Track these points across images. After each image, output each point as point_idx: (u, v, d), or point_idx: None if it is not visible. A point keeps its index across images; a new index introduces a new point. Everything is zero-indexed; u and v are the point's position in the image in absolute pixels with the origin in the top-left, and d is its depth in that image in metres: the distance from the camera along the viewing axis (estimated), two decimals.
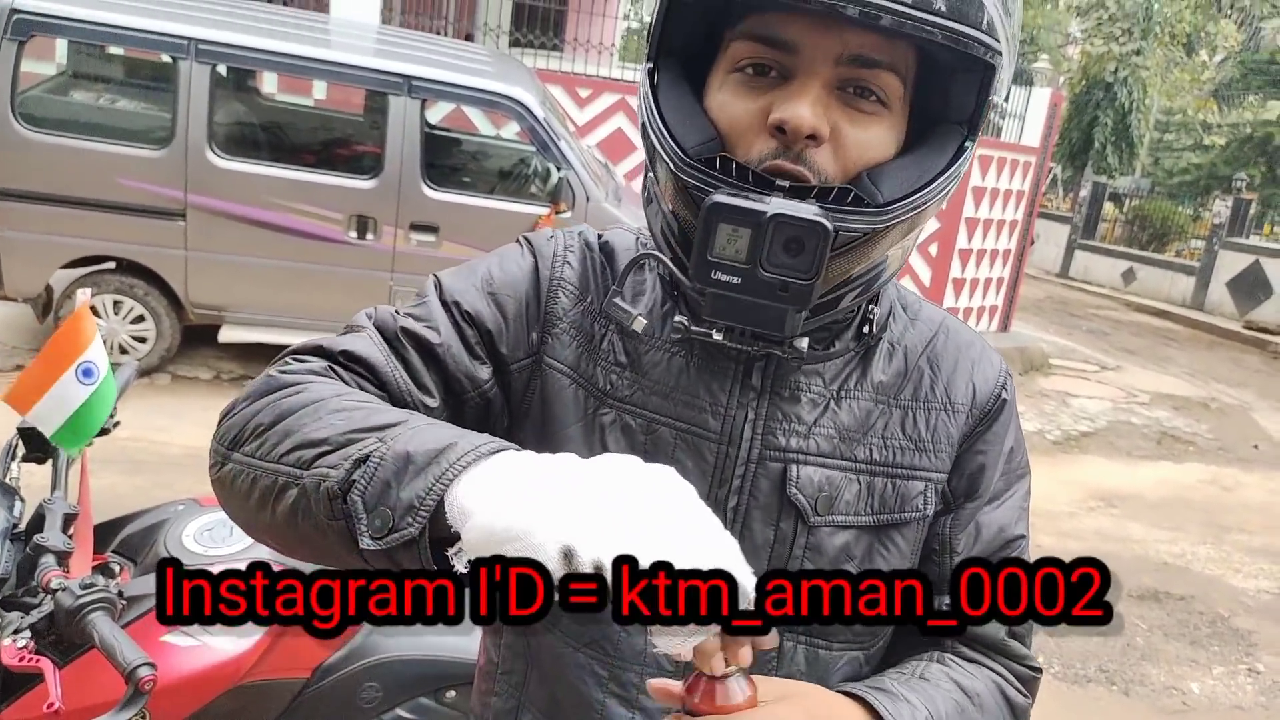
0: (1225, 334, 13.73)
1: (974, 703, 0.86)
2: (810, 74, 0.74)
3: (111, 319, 5.09)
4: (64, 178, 4.84)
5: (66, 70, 5.81)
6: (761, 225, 0.69)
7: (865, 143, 0.76)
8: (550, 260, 0.90)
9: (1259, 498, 6.50)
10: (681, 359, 0.85)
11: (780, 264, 0.70)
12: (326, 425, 0.70)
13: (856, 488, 0.86)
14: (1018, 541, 0.92)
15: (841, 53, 0.73)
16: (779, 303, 0.72)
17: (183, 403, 5.03)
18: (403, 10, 9.25)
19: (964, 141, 0.79)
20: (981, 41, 0.72)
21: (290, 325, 5.38)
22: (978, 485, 0.90)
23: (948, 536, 0.90)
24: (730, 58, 0.77)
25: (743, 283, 0.71)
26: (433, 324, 0.85)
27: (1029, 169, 9.70)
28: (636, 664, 0.85)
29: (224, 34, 4.89)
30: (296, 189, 5.11)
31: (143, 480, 4.01)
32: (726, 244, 0.70)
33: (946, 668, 0.88)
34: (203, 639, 1.55)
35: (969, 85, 0.78)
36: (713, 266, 0.71)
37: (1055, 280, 17.40)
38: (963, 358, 0.92)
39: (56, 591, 1.21)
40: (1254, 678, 4.01)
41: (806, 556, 0.85)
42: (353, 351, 0.82)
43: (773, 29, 0.74)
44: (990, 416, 0.91)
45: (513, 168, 6.15)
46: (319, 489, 0.66)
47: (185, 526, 1.74)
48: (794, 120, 0.72)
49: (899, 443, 0.87)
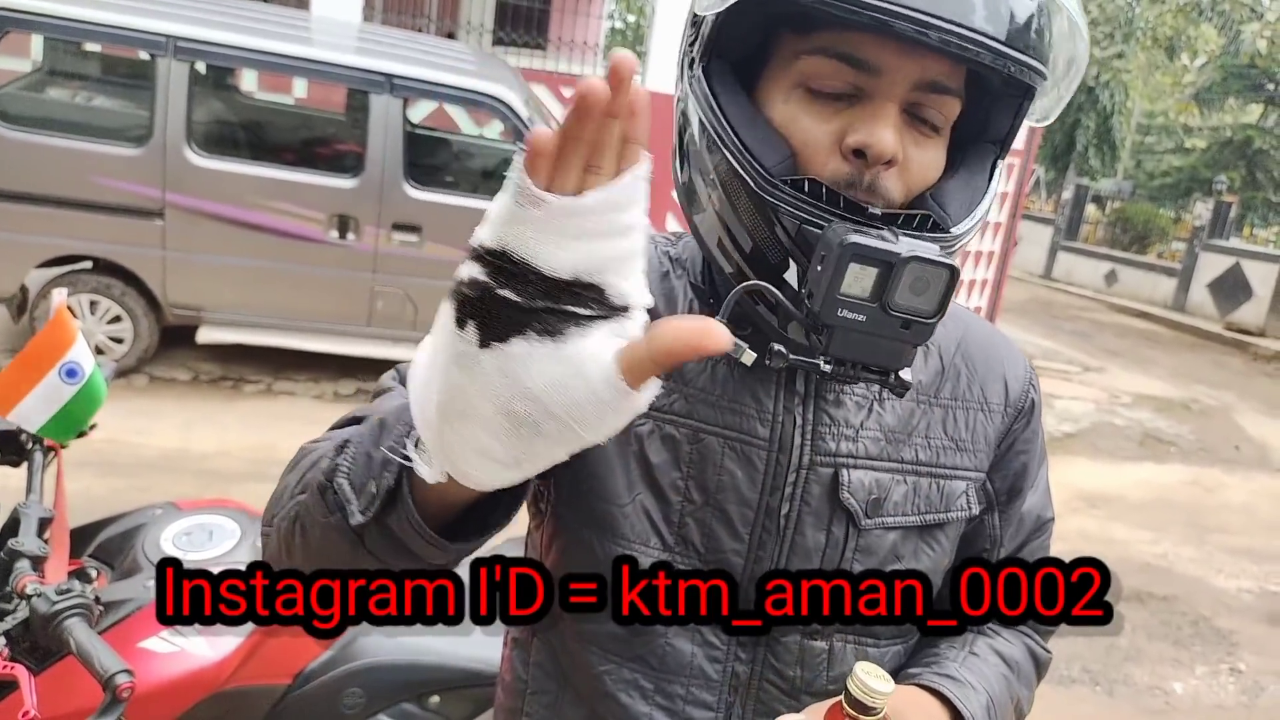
0: (1206, 335, 13.85)
1: (1013, 670, 0.93)
2: (889, 98, 0.73)
3: (88, 319, 5.02)
4: (40, 176, 4.77)
5: (43, 67, 5.73)
6: (895, 265, 0.68)
7: (927, 165, 0.77)
8: None
9: (1240, 498, 6.54)
10: (725, 366, 0.84)
11: (906, 302, 0.70)
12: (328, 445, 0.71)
13: (904, 489, 0.87)
14: (1048, 524, 0.99)
15: (920, 78, 0.73)
16: (901, 340, 0.72)
17: (160, 404, 4.97)
18: (384, 8, 9.19)
19: (996, 159, 0.81)
20: (1039, 71, 0.74)
21: (270, 326, 5.33)
22: (1022, 484, 0.95)
23: (999, 535, 0.95)
24: (799, 72, 0.75)
25: (868, 320, 0.70)
26: None
27: (1012, 171, 9.74)
28: (682, 675, 0.85)
29: (203, 31, 4.83)
30: (276, 188, 5.06)
31: (119, 483, 3.96)
32: (853, 282, 0.69)
33: (989, 639, 0.95)
34: (181, 645, 1.53)
35: (1008, 107, 0.80)
36: (840, 304, 0.69)
37: (1038, 282, 17.50)
38: (992, 356, 0.94)
39: (32, 597, 1.19)
40: (1236, 677, 4.03)
41: (857, 559, 0.86)
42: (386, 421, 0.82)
43: (854, 49, 0.72)
44: (1025, 415, 0.94)
45: (496, 167, 6.12)
46: (312, 490, 0.68)
47: (164, 530, 1.72)
48: (878, 146, 0.72)
49: (941, 442, 0.89)
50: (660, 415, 0.85)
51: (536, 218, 0.49)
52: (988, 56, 0.69)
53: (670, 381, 0.85)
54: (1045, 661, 1.00)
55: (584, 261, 0.50)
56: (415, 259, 5.25)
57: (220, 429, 4.78)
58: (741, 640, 0.86)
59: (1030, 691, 0.97)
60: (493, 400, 0.52)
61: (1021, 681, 0.94)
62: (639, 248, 0.52)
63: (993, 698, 0.87)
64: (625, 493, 0.84)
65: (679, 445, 0.84)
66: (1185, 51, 16.69)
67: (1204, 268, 15.26)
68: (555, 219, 0.49)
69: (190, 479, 4.15)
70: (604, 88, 0.47)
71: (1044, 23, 0.73)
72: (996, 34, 0.69)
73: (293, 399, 5.35)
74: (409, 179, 5.17)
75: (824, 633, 0.87)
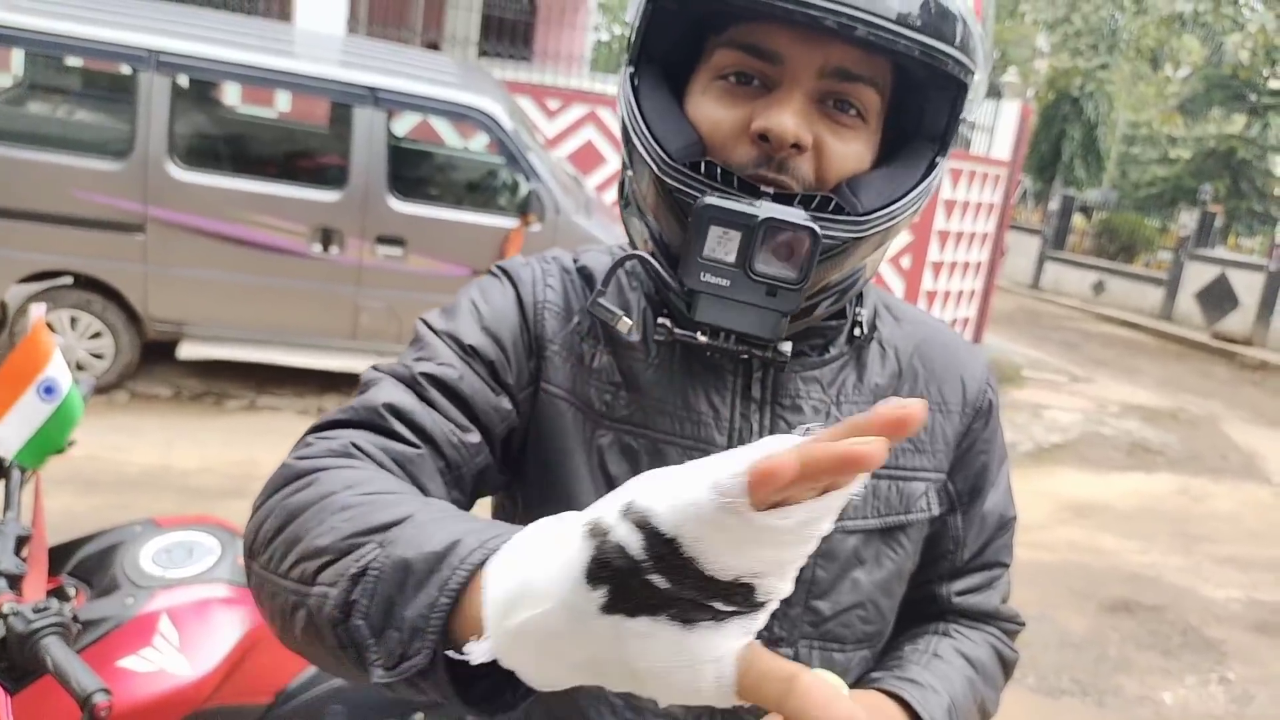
0: (1193, 345, 13.92)
1: (978, 671, 0.93)
2: (793, 84, 0.75)
3: (68, 335, 4.97)
4: (20, 191, 4.73)
5: (23, 81, 5.70)
6: (753, 228, 0.70)
7: (845, 155, 0.78)
8: (531, 285, 0.89)
9: (1228, 507, 6.55)
10: (681, 374, 0.85)
11: (769, 268, 0.72)
12: (328, 529, 0.63)
13: (863, 492, 0.86)
14: (1011, 522, 1.00)
15: (824, 65, 0.75)
16: (767, 306, 0.73)
17: (141, 421, 4.92)
18: (369, 20, 9.19)
19: (935, 158, 0.81)
20: (957, 59, 0.75)
21: (252, 341, 5.29)
22: (982, 484, 0.96)
23: (962, 535, 0.96)
24: (714, 65, 0.78)
25: (731, 285, 0.72)
26: (445, 361, 0.82)
27: (999, 181, 9.78)
28: None
29: (186, 45, 4.81)
30: (259, 201, 5.03)
31: (99, 500, 3.92)
32: (716, 246, 0.71)
33: (953, 640, 0.94)
34: (161, 664, 1.51)
35: (942, 103, 0.81)
36: (702, 268, 0.72)
37: (1026, 292, 17.57)
38: (949, 358, 0.95)
39: (8, 616, 1.18)
40: (1225, 686, 4.02)
41: (819, 564, 0.86)
42: (390, 403, 0.77)
43: (758, 39, 0.75)
44: (983, 415, 0.95)
45: (481, 180, 6.10)
46: (321, 612, 0.59)
47: (143, 548, 1.70)
48: (778, 129, 0.73)
49: (900, 445, 0.89)
50: (619, 426, 0.85)
51: (730, 526, 0.42)
52: (883, 38, 0.71)
53: (627, 391, 0.85)
54: (1012, 661, 0.99)
55: (753, 565, 0.44)
56: (399, 272, 5.22)
57: (202, 445, 4.73)
58: None
59: (996, 692, 0.96)
60: (588, 652, 0.46)
61: (987, 683, 0.94)
62: (811, 549, 0.45)
63: (955, 700, 0.87)
64: (588, 502, 0.82)
65: (638, 455, 0.84)
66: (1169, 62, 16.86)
67: (1190, 277, 15.35)
68: (749, 530, 0.42)
69: (172, 496, 4.11)
70: (882, 452, 0.41)
71: (944, 6, 0.74)
72: (886, 14, 0.70)
73: (276, 414, 5.31)
74: (393, 192, 5.15)
75: (789, 640, 0.86)
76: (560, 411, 0.86)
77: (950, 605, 0.97)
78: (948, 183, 8.94)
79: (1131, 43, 13.30)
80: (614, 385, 0.86)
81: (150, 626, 1.49)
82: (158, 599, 1.53)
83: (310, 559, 0.62)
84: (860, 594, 0.88)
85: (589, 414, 0.85)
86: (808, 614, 0.87)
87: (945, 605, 0.97)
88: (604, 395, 0.85)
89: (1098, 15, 12.47)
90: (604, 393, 0.85)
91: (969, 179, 9.25)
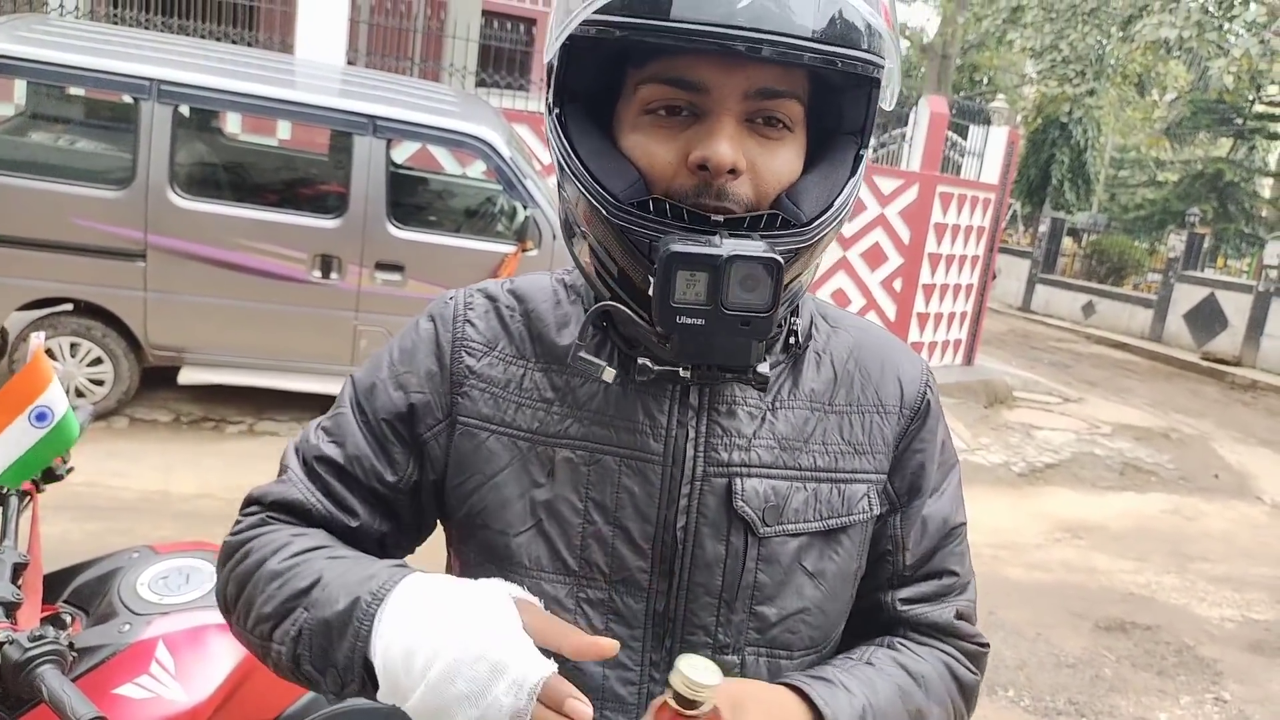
0: (1183, 365, 13.99)
1: (919, 684, 0.90)
2: (722, 111, 0.77)
3: (68, 361, 5.00)
4: (21, 219, 4.77)
5: (25, 111, 5.75)
6: (719, 267, 0.72)
7: (778, 170, 0.80)
8: (450, 321, 0.93)
9: (1220, 526, 6.59)
10: (618, 386, 0.87)
11: (739, 300, 0.73)
12: (267, 597, 0.83)
13: (804, 495, 0.89)
14: (959, 529, 0.98)
15: (749, 88, 0.77)
16: (743, 337, 0.76)
17: (141, 446, 4.94)
18: (368, 51, 9.28)
19: (859, 150, 0.84)
20: (869, 61, 0.77)
21: (252, 366, 5.31)
22: (920, 483, 0.95)
23: (900, 536, 0.95)
24: (640, 99, 0.80)
25: (707, 323, 0.74)
26: (340, 438, 0.92)
27: (989, 205, 9.87)
28: (595, 700, 0.84)
29: (187, 75, 4.87)
30: (259, 229, 5.07)
31: (97, 527, 3.92)
32: (686, 289, 0.73)
33: (895, 652, 0.93)
34: (158, 691, 1.50)
35: (858, 99, 0.83)
36: (676, 312, 0.74)
37: (1017, 314, 17.66)
38: (887, 360, 0.96)
39: (3, 645, 1.17)
40: (1220, 706, 4.04)
41: (760, 569, 0.87)
42: (280, 501, 0.91)
43: (681, 72, 0.77)
44: (921, 414, 0.96)
45: (479, 206, 6.16)
46: (281, 662, 0.81)
47: (140, 575, 1.68)
48: (715, 158, 0.76)
49: (839, 448, 0.91)
50: (557, 440, 0.87)
51: None
52: (802, 57, 0.73)
53: (561, 406, 0.88)
54: (969, 683, 0.95)
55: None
56: (398, 298, 5.26)
57: (201, 470, 4.75)
58: (654, 660, 0.87)
59: (942, 709, 0.92)
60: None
61: (930, 697, 0.90)
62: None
63: (874, 706, 0.84)
64: (518, 522, 0.87)
65: (576, 468, 0.86)
66: (1155, 87, 17.03)
67: (1179, 298, 15.46)
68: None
69: (171, 521, 4.11)
70: None
71: (851, 12, 0.76)
72: (801, 34, 0.73)
73: (275, 439, 5.33)
74: (392, 219, 5.20)
75: (735, 647, 0.87)
76: (480, 441, 0.88)
77: (898, 615, 0.95)
78: (938, 206, 9.03)
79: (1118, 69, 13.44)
80: (546, 401, 0.88)
81: (147, 654, 1.48)
82: (154, 626, 1.51)
83: (262, 623, 0.82)
84: (805, 599, 0.88)
85: (518, 436, 0.87)
86: (752, 620, 0.87)
87: (892, 615, 0.95)
88: (537, 413, 0.88)
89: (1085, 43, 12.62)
90: (536, 410, 0.88)
91: (959, 203, 9.34)
